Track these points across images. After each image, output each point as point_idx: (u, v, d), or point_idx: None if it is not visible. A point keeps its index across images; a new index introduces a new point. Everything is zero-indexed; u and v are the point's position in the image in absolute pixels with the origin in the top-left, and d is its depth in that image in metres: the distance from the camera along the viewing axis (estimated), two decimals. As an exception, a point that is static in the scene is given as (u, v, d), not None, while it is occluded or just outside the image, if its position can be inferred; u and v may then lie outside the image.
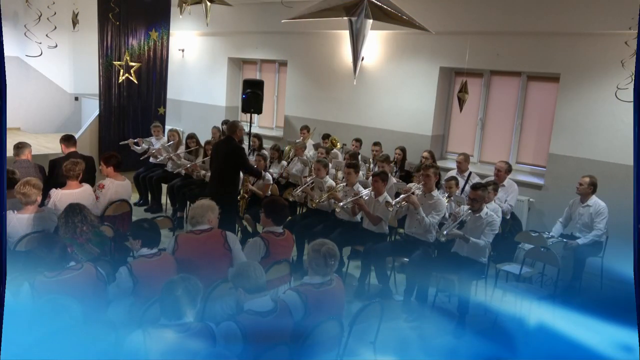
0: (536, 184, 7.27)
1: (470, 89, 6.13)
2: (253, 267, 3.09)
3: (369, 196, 5.79)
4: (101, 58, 8.75)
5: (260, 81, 9.41)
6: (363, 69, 8.56)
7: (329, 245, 3.37)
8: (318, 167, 6.38)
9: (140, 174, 8.14)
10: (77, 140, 6.47)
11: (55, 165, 5.88)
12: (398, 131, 8.46)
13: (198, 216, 4.04)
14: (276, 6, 7.88)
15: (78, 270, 3.26)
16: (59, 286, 3.07)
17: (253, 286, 3.02)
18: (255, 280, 3.02)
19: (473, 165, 7.61)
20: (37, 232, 4.24)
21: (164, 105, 9.62)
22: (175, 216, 7.37)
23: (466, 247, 5.11)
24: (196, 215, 4.05)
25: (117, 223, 5.26)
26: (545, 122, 7.41)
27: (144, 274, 3.55)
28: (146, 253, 3.68)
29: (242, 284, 3.03)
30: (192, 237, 3.98)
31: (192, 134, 8.34)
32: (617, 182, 6.41)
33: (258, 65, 11.02)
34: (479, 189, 5.11)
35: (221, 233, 4.09)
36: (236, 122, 6.29)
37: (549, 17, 6.81)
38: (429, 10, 7.49)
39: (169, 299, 2.72)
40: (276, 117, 10.83)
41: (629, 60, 5.82)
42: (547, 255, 5.10)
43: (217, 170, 6.11)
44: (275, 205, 4.32)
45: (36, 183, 4.35)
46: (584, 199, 5.89)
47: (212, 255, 3.92)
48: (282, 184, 7.51)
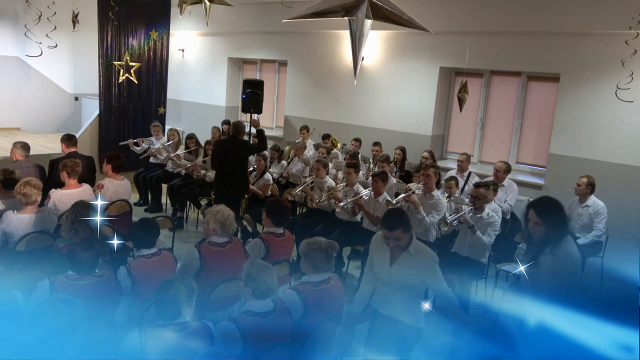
0: (536, 184, 7.27)
1: (470, 89, 6.13)
2: (266, 271, 3.04)
3: (368, 196, 5.79)
4: (101, 58, 8.75)
5: (260, 81, 9.40)
6: (363, 69, 8.55)
7: (325, 240, 3.40)
8: (318, 167, 6.38)
9: (140, 174, 8.14)
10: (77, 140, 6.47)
11: (55, 165, 5.88)
12: (398, 131, 8.46)
13: (229, 227, 3.90)
14: (276, 6, 7.88)
15: (99, 277, 3.26)
16: (76, 290, 3.07)
17: (261, 290, 3.01)
18: (264, 284, 2.99)
19: (473, 165, 7.60)
20: (37, 232, 4.24)
21: (164, 105, 9.62)
22: (175, 216, 7.38)
23: (466, 247, 5.12)
24: (227, 227, 3.89)
25: (117, 223, 5.26)
26: (545, 122, 7.41)
27: (143, 274, 3.55)
28: (145, 253, 3.68)
29: (250, 285, 3.02)
30: (218, 251, 3.87)
31: (192, 134, 8.34)
32: (617, 182, 6.41)
33: (258, 65, 11.02)
34: (482, 187, 5.14)
35: (239, 242, 4.08)
36: (242, 122, 6.33)
37: (549, 17, 6.81)
38: (429, 10, 7.49)
39: (164, 299, 2.71)
40: (276, 117, 10.83)
41: (629, 59, 5.83)
42: (547, 255, 5.08)
43: (223, 170, 6.12)
44: (278, 206, 4.31)
45: (36, 183, 4.35)
46: (583, 200, 5.89)
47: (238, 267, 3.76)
48: (282, 184, 7.51)
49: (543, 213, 3.09)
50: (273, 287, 3.05)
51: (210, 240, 3.90)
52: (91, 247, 3.22)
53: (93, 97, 10.15)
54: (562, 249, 3.03)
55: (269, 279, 3.01)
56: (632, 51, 5.78)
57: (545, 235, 3.08)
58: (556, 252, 3.02)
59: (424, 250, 3.33)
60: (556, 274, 3.02)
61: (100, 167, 7.05)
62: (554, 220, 3.09)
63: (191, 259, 3.81)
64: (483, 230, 5.03)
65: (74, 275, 3.18)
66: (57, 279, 3.13)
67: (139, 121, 9.30)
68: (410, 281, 3.26)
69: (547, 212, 3.10)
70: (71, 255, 3.20)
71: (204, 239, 4.01)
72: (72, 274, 3.18)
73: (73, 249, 3.22)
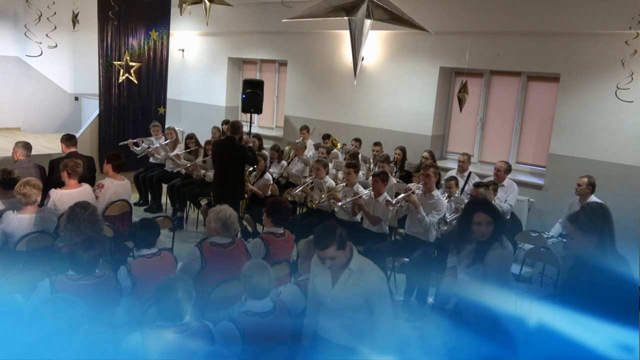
0: (536, 184, 7.27)
1: (470, 89, 6.13)
2: (259, 271, 3.00)
3: (368, 196, 5.79)
4: (101, 58, 8.75)
5: (260, 81, 9.41)
6: (363, 69, 8.55)
7: None
8: (318, 167, 6.38)
9: (140, 174, 8.14)
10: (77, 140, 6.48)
11: (55, 165, 5.88)
12: (398, 131, 8.46)
13: (231, 227, 3.87)
14: (276, 6, 7.88)
15: (100, 278, 3.26)
16: (76, 290, 3.06)
17: (253, 290, 2.99)
18: (256, 283, 2.97)
19: (473, 165, 7.60)
20: (37, 232, 4.24)
21: (164, 105, 9.62)
22: (175, 216, 7.37)
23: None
24: (229, 227, 3.86)
25: (117, 223, 5.26)
26: (545, 122, 7.41)
27: (143, 274, 3.55)
28: (146, 253, 3.68)
29: (244, 284, 3.02)
30: (220, 251, 3.85)
31: (192, 134, 8.34)
32: (617, 182, 6.41)
33: (258, 65, 11.02)
34: (481, 187, 5.15)
35: (242, 243, 4.07)
36: (239, 122, 6.33)
37: (549, 17, 6.81)
38: (429, 10, 7.49)
39: (164, 300, 2.69)
40: (276, 117, 10.83)
41: (629, 60, 5.83)
42: (547, 255, 5.09)
43: (223, 171, 6.14)
44: (278, 206, 4.30)
45: (36, 183, 4.35)
46: (583, 199, 5.89)
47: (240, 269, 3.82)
48: (282, 184, 7.51)
49: (493, 213, 3.35)
50: (267, 287, 3.00)
51: (212, 240, 3.89)
52: (91, 247, 3.22)
53: (93, 97, 10.15)
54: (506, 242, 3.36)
55: (261, 279, 2.96)
56: (632, 51, 5.78)
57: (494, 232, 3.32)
58: (505, 245, 3.35)
59: (367, 266, 2.97)
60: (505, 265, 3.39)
61: (100, 167, 7.05)
62: (500, 218, 3.41)
63: (192, 259, 3.79)
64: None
65: (75, 275, 3.18)
66: (57, 279, 3.13)
67: (139, 121, 9.29)
68: (357, 302, 2.89)
69: (495, 212, 3.39)
70: (72, 255, 3.20)
71: (205, 239, 4.00)
72: (73, 274, 3.19)
73: (74, 249, 3.22)
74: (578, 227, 2.81)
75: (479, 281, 3.32)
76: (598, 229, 2.78)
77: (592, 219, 2.80)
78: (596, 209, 2.88)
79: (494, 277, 3.29)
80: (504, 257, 3.35)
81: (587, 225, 2.78)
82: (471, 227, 3.32)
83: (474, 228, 3.31)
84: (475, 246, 3.37)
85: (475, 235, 3.33)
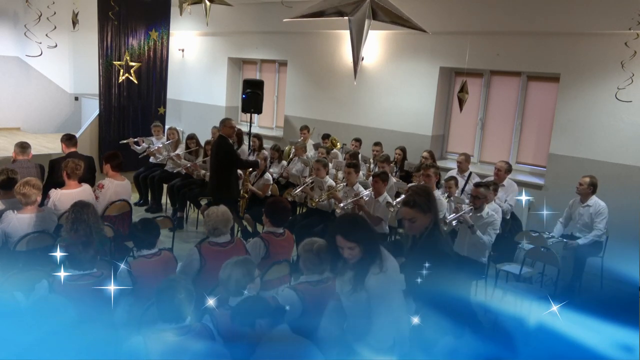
0: (536, 184, 7.27)
1: (470, 89, 6.12)
2: (236, 267, 3.05)
3: (369, 197, 5.79)
4: (101, 58, 8.75)
5: (260, 81, 9.41)
6: (363, 69, 8.56)
7: (319, 243, 3.35)
8: (318, 167, 6.38)
9: (140, 174, 8.14)
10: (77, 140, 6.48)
11: (55, 165, 5.88)
12: (398, 131, 8.46)
13: (222, 227, 3.90)
14: (276, 6, 7.87)
15: (97, 277, 3.25)
16: (75, 290, 3.06)
17: (229, 288, 3.04)
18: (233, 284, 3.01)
19: (473, 165, 7.61)
20: (37, 232, 4.24)
21: (164, 105, 9.62)
22: (175, 216, 7.37)
23: (466, 247, 5.12)
24: (219, 226, 3.89)
25: (117, 223, 5.26)
26: (545, 122, 7.41)
27: (143, 274, 3.55)
28: (146, 253, 3.68)
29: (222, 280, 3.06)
30: (219, 251, 3.85)
31: (192, 134, 8.34)
32: (617, 182, 6.41)
33: (258, 65, 11.02)
34: (482, 187, 5.15)
35: (242, 243, 4.08)
36: (225, 118, 6.40)
37: (549, 17, 6.81)
38: (429, 10, 7.49)
39: (164, 302, 2.69)
40: (276, 117, 10.83)
41: (629, 60, 5.83)
42: (547, 255, 5.10)
43: (214, 170, 6.26)
44: (277, 206, 4.30)
45: (36, 183, 4.35)
46: (584, 199, 5.89)
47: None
48: (282, 184, 7.51)
49: (353, 235, 2.69)
50: (236, 282, 3.02)
51: (210, 240, 3.90)
52: (90, 247, 3.22)
53: (93, 97, 10.16)
54: (388, 262, 2.76)
55: (233, 274, 3.00)
56: (632, 52, 5.77)
57: (363, 256, 2.71)
58: (386, 268, 2.72)
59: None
60: (389, 291, 2.75)
61: (100, 167, 7.05)
62: (366, 237, 2.73)
63: (191, 259, 3.81)
64: (483, 229, 5.03)
65: (73, 275, 3.17)
66: (55, 280, 3.12)
67: (139, 121, 9.29)
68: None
69: (357, 233, 2.71)
70: (70, 255, 3.19)
71: (205, 239, 4.01)
72: (71, 274, 3.17)
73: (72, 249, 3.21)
74: (420, 210, 2.83)
75: (364, 309, 2.75)
76: (434, 209, 2.87)
77: (428, 199, 2.87)
78: (423, 189, 3.01)
79: (380, 306, 2.73)
80: (387, 282, 2.71)
81: (427, 205, 2.84)
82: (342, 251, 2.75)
83: (340, 251, 2.75)
84: (353, 271, 2.76)
85: (347, 258, 2.75)
